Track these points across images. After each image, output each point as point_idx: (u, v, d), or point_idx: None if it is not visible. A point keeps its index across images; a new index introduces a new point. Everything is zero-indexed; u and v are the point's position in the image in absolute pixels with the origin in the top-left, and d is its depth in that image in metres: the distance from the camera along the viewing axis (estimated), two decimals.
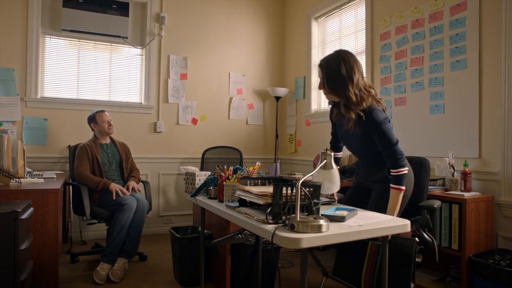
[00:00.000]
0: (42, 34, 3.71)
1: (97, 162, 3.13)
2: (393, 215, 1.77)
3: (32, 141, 3.62)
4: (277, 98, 4.52)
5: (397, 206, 1.81)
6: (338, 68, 1.80)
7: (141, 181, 3.38)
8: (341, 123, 1.99)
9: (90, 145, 3.17)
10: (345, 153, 2.84)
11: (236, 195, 1.80)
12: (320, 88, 1.93)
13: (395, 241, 1.70)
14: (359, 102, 1.81)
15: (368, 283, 1.63)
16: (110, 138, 3.33)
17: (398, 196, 1.80)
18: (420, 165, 2.28)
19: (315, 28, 4.27)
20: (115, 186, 2.98)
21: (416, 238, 1.79)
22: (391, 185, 1.84)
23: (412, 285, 1.64)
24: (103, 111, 3.27)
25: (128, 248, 2.89)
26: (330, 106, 2.09)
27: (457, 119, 2.67)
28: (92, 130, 3.27)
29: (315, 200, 1.45)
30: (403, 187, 1.83)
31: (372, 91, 1.86)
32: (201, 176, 2.22)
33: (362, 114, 1.80)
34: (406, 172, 1.84)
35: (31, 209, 2.12)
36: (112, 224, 2.85)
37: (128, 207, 2.86)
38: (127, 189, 3.09)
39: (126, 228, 2.85)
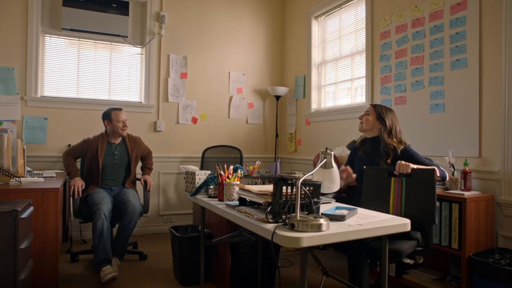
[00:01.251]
0: (42, 33, 3.71)
1: (96, 161, 3.05)
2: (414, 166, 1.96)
3: (32, 140, 3.62)
4: (277, 97, 4.52)
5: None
6: (389, 112, 2.34)
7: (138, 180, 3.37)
8: (365, 158, 2.34)
9: (97, 142, 3.06)
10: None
11: (236, 194, 1.81)
12: (361, 117, 2.37)
13: (416, 172, 1.92)
14: (397, 134, 2.26)
15: (396, 208, 1.85)
16: (122, 137, 3.19)
17: (434, 174, 1.94)
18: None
19: (315, 27, 4.26)
20: (75, 184, 2.88)
21: (436, 168, 1.96)
22: (435, 167, 2.05)
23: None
24: (120, 109, 3.12)
25: (117, 250, 2.88)
26: (357, 143, 2.49)
27: (457, 118, 2.67)
28: (105, 127, 3.14)
29: (315, 199, 1.45)
30: (438, 174, 2.03)
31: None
32: (201, 175, 2.22)
33: (397, 148, 2.19)
34: (439, 174, 2.06)
35: (31, 208, 2.12)
36: (92, 231, 2.74)
37: (99, 211, 2.71)
38: (145, 182, 3.13)
39: (106, 234, 2.69)
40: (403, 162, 1.95)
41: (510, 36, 2.37)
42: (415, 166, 1.95)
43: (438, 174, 2.03)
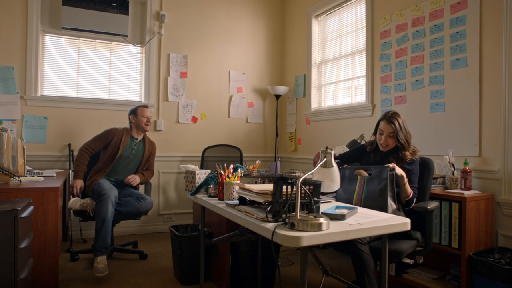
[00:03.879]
0: (41, 32, 3.70)
1: (116, 151, 3.12)
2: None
3: (32, 139, 3.61)
4: (277, 97, 4.51)
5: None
6: (402, 121, 2.31)
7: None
8: (370, 161, 2.38)
9: (123, 133, 3.18)
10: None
11: (236, 193, 1.81)
12: (386, 140, 2.30)
13: (376, 169, 2.12)
14: (413, 148, 2.32)
15: (357, 201, 2.11)
16: (144, 136, 3.33)
17: (388, 172, 2.07)
18: (423, 165, 2.29)
19: (315, 26, 4.26)
20: (75, 186, 2.97)
21: (412, 193, 2.15)
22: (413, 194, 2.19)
23: (394, 205, 2.07)
24: (146, 106, 3.31)
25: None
26: (369, 148, 2.47)
27: (458, 118, 2.67)
28: (130, 122, 3.27)
29: (315, 199, 1.45)
30: (410, 195, 2.16)
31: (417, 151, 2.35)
32: (201, 175, 2.22)
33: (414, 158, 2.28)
34: (410, 206, 2.18)
35: (31, 207, 2.12)
36: (95, 216, 2.83)
37: (106, 197, 2.79)
38: (127, 181, 3.13)
39: (109, 219, 2.76)
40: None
41: (511, 35, 2.37)
42: (398, 170, 2.10)
43: (410, 196, 2.16)
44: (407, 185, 2.14)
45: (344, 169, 2.27)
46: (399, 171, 2.11)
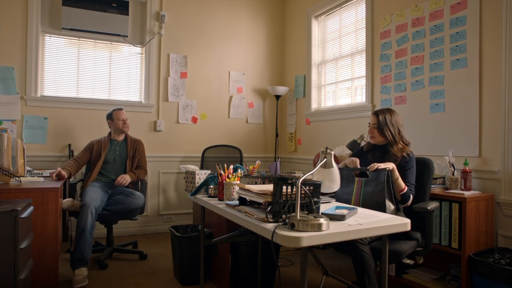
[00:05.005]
0: (41, 32, 3.70)
1: (99, 156, 3.25)
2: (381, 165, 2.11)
3: (32, 139, 3.61)
4: (277, 97, 4.51)
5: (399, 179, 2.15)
6: (390, 117, 2.29)
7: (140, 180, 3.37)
8: (373, 162, 2.31)
9: (100, 141, 3.32)
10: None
11: (236, 193, 1.81)
12: (371, 132, 2.33)
13: (375, 172, 2.11)
14: (402, 139, 2.29)
15: (356, 202, 2.12)
16: (125, 135, 3.41)
17: (385, 175, 2.06)
18: (423, 165, 2.29)
19: (315, 27, 4.26)
20: (59, 169, 2.90)
21: (388, 168, 2.10)
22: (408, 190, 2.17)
23: (392, 206, 2.07)
24: (120, 109, 3.37)
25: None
26: (365, 147, 2.47)
27: (457, 118, 2.67)
28: (109, 127, 3.38)
29: (315, 199, 1.45)
30: (404, 190, 2.13)
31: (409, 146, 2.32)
32: (201, 175, 2.22)
33: (403, 155, 2.25)
34: (407, 203, 2.16)
35: (31, 207, 2.12)
36: (76, 226, 2.73)
37: (85, 207, 2.72)
38: (117, 183, 3.08)
39: (88, 229, 2.66)
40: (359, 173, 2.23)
41: (510, 36, 2.37)
42: (382, 165, 2.10)
43: (404, 190, 2.12)
44: (400, 179, 2.13)
45: (341, 170, 2.26)
46: (384, 165, 2.09)
